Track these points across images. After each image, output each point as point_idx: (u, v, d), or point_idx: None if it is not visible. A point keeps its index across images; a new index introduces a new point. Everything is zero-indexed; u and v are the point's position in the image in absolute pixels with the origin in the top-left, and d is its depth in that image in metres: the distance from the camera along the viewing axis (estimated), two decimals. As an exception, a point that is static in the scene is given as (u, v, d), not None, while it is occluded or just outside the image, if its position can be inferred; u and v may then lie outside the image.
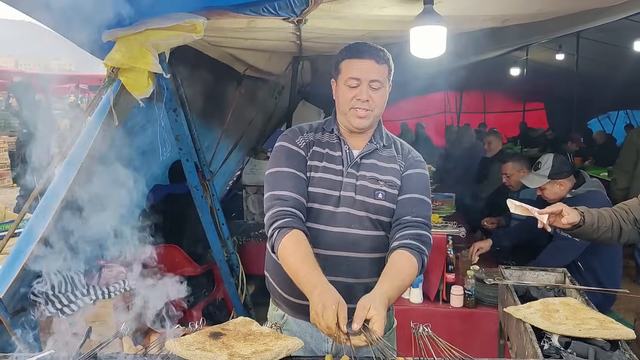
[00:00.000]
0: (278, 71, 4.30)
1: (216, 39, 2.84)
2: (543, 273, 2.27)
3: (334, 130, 1.83)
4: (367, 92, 1.70)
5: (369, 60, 1.70)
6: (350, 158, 1.79)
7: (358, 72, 1.70)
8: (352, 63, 1.71)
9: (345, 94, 1.73)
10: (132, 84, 2.28)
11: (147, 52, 2.20)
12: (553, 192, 3.17)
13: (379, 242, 1.77)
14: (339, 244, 1.73)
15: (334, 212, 1.74)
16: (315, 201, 1.74)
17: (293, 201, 1.68)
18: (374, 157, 1.81)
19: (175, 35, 2.20)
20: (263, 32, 2.80)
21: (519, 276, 2.28)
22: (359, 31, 2.96)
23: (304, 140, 1.81)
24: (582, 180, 3.14)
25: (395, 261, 1.63)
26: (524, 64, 9.64)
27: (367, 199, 1.75)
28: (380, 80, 1.72)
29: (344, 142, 1.81)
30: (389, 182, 1.78)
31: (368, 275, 1.75)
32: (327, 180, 1.75)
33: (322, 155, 1.79)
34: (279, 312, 1.90)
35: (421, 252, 1.67)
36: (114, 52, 2.19)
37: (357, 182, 1.76)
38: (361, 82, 1.70)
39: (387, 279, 1.56)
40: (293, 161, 1.76)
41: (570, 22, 4.46)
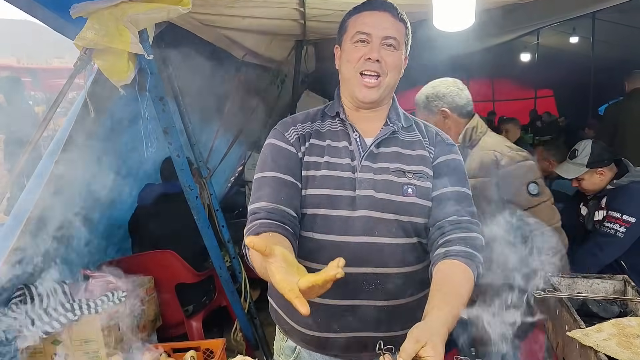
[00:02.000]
0: (280, 57, 3.94)
1: (209, 17, 2.49)
2: (599, 281, 1.92)
3: (339, 114, 1.47)
4: (378, 50, 1.36)
5: (384, 13, 1.38)
6: (362, 147, 1.43)
7: (369, 25, 1.37)
8: (362, 16, 1.39)
9: (351, 53, 1.39)
10: (109, 68, 1.94)
11: (125, 29, 1.85)
12: (592, 183, 2.82)
13: (412, 252, 1.41)
14: (360, 258, 1.36)
15: (349, 218, 1.37)
16: (321, 206, 1.38)
17: (265, 212, 1.32)
18: (395, 143, 1.45)
19: (158, 9, 1.85)
20: (262, 7, 2.46)
21: (569, 285, 1.93)
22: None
23: (296, 133, 1.45)
24: (625, 169, 2.80)
25: (449, 276, 1.26)
26: (534, 48, 9.28)
27: (393, 196, 1.38)
28: (396, 38, 1.38)
29: (353, 129, 1.45)
30: (419, 174, 1.41)
31: (401, 295, 1.39)
32: (334, 179, 1.39)
33: (322, 149, 1.43)
34: (289, 344, 1.54)
35: (476, 262, 1.31)
36: (85, 30, 1.84)
37: (377, 176, 1.39)
38: (372, 37, 1.37)
39: (445, 302, 1.17)
40: (279, 162, 1.41)
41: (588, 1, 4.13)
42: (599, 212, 2.80)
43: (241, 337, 3.27)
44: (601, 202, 2.79)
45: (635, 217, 2.58)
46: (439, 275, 1.27)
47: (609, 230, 2.64)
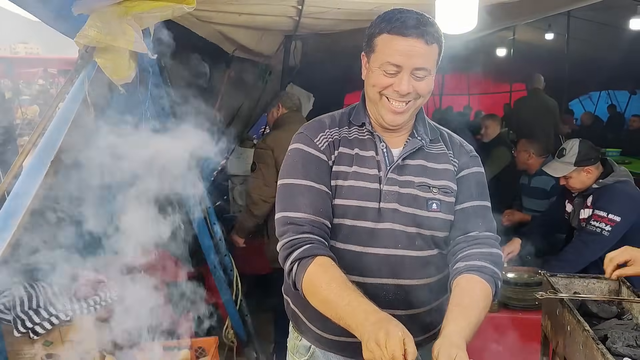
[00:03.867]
0: (269, 52, 3.91)
1: (208, 13, 2.46)
2: (595, 281, 1.99)
3: (365, 124, 1.44)
4: (408, 83, 1.31)
5: (417, 40, 1.29)
6: (389, 159, 1.42)
7: (400, 55, 1.29)
8: (393, 42, 1.30)
9: (380, 80, 1.34)
10: (110, 66, 1.88)
11: (129, 27, 1.80)
12: (580, 181, 2.89)
13: (433, 263, 1.43)
14: (382, 269, 1.38)
15: (373, 230, 1.38)
16: (347, 216, 1.38)
17: (309, 225, 1.33)
18: (421, 156, 1.44)
19: (163, 7, 1.80)
20: (261, 5, 2.43)
21: (566, 284, 2.00)
22: (367, 4, 2.60)
23: (326, 140, 1.42)
24: (610, 169, 2.89)
25: (468, 290, 1.29)
26: (510, 44, 9.41)
27: (418, 211, 1.39)
28: (427, 68, 1.32)
29: (380, 139, 1.43)
30: (443, 189, 1.42)
31: (421, 305, 1.42)
32: (361, 190, 1.38)
33: (351, 158, 1.41)
34: (304, 343, 1.55)
35: (495, 277, 1.34)
36: (87, 27, 1.78)
37: (402, 189, 1.40)
38: (402, 69, 1.30)
39: (462, 314, 1.22)
40: (311, 170, 1.39)
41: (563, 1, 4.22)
42: (585, 210, 2.89)
43: (233, 335, 3.27)
44: (587, 201, 2.88)
45: (620, 216, 2.67)
46: (457, 289, 1.31)
47: (595, 228, 2.73)
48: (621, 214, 2.67)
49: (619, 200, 2.73)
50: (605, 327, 1.62)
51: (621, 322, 1.65)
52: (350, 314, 1.17)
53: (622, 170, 2.90)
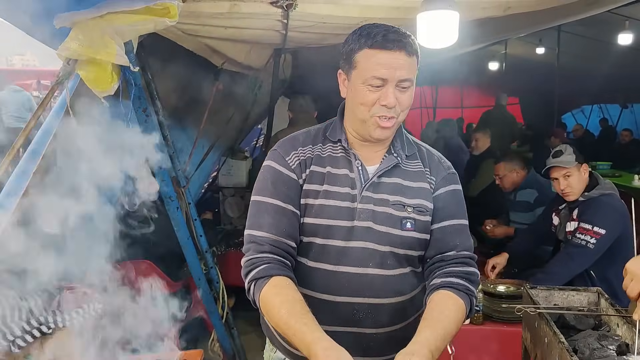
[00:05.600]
0: (258, 65, 3.94)
1: (193, 27, 2.48)
2: (574, 293, 1.99)
3: (341, 141, 1.43)
4: (394, 95, 1.30)
5: (399, 52, 1.29)
6: (364, 177, 1.40)
7: (384, 68, 1.29)
8: (376, 56, 1.29)
9: (366, 96, 1.32)
10: (92, 78, 1.90)
11: (111, 40, 1.82)
12: (580, 180, 2.85)
13: (405, 282, 1.43)
14: (353, 288, 1.37)
15: (344, 248, 1.37)
16: (317, 235, 1.38)
17: (269, 245, 1.33)
18: (397, 174, 1.42)
19: (144, 20, 1.83)
20: (246, 19, 2.46)
21: (546, 297, 2.00)
22: (354, 19, 2.63)
23: (297, 159, 1.42)
24: (595, 182, 2.91)
25: (438, 304, 1.29)
26: (502, 58, 9.52)
27: (391, 230, 1.38)
28: (410, 79, 1.33)
29: (355, 157, 1.42)
30: (418, 208, 1.40)
31: (392, 323, 1.42)
32: (331, 208, 1.37)
33: (322, 177, 1.40)
34: (279, 355, 1.54)
35: (470, 294, 1.34)
36: (69, 40, 1.80)
37: (377, 207, 1.38)
38: (387, 82, 1.30)
39: (429, 325, 1.22)
40: (280, 189, 1.38)
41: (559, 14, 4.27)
42: (571, 223, 2.90)
43: (218, 348, 3.25)
44: (573, 214, 2.89)
45: (605, 228, 2.69)
46: (431, 304, 1.31)
47: (580, 241, 2.74)
48: (606, 227, 2.69)
49: (604, 213, 2.74)
50: (579, 338, 1.62)
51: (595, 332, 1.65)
52: (300, 342, 1.19)
53: (607, 183, 2.92)
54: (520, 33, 6.97)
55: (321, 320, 1.32)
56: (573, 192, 2.90)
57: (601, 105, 12.84)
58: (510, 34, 7.06)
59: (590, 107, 13.29)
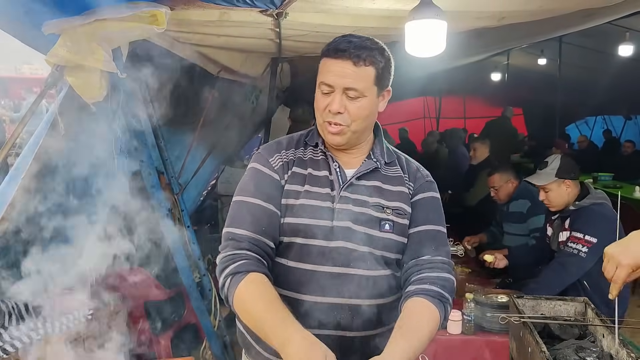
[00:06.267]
0: (255, 73, 3.96)
1: (184, 34, 2.50)
2: (561, 303, 1.99)
3: (319, 144, 1.48)
4: (340, 102, 1.35)
5: (345, 61, 1.33)
6: (342, 178, 1.44)
7: (331, 75, 1.35)
8: (327, 63, 1.36)
9: (319, 101, 1.39)
10: (81, 85, 1.92)
11: (98, 47, 1.84)
12: (559, 195, 2.89)
13: (385, 284, 1.43)
14: (334, 287, 1.37)
15: (325, 248, 1.38)
16: (298, 235, 1.39)
17: (248, 242, 1.34)
18: (376, 177, 1.46)
19: (132, 28, 1.85)
20: (238, 27, 2.48)
21: (533, 306, 1.99)
22: (345, 28, 2.64)
23: (280, 160, 1.45)
24: (586, 191, 2.90)
25: (413, 312, 1.29)
26: (504, 68, 9.53)
27: (370, 230, 1.40)
28: (357, 89, 1.34)
29: (333, 159, 1.46)
30: (397, 210, 1.43)
31: (372, 327, 1.41)
32: (312, 208, 1.40)
33: (303, 178, 1.43)
34: None
35: (444, 301, 1.34)
36: (57, 47, 1.82)
37: (356, 208, 1.41)
38: (334, 89, 1.35)
39: (403, 336, 1.22)
40: (262, 189, 1.41)
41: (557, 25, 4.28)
42: (563, 232, 2.90)
43: (210, 355, 3.24)
44: (564, 223, 2.89)
45: (596, 237, 2.67)
46: (404, 312, 1.32)
47: (572, 250, 2.73)
48: (598, 235, 2.68)
49: (595, 221, 2.73)
50: (562, 348, 1.61)
51: (576, 343, 1.64)
52: (274, 336, 1.18)
53: (598, 193, 2.91)
54: (521, 44, 7.00)
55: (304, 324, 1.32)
56: (551, 205, 2.94)
57: (605, 117, 12.80)
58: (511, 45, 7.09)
59: (594, 118, 13.25)
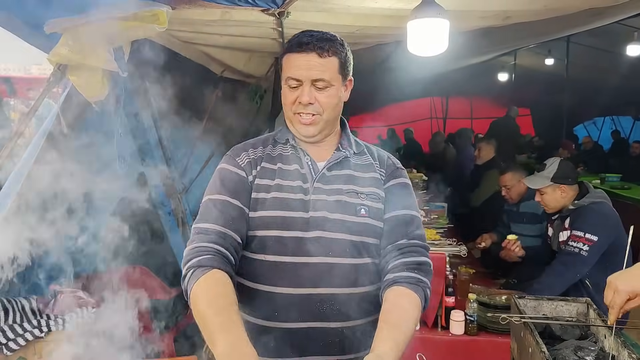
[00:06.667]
0: (259, 73, 3.97)
1: (187, 34, 2.51)
2: (563, 303, 1.96)
3: (289, 140, 1.50)
4: (309, 93, 1.38)
5: (310, 54, 1.37)
6: (314, 170, 1.46)
7: (297, 69, 1.38)
8: (292, 58, 1.39)
9: (287, 96, 1.42)
10: (83, 84, 1.93)
11: (100, 46, 1.85)
12: (554, 199, 2.92)
13: (366, 272, 1.44)
14: (315, 278, 1.38)
15: (302, 239, 1.39)
16: (272, 227, 1.40)
17: (215, 235, 1.33)
18: (347, 166, 1.49)
19: (133, 27, 1.86)
20: (240, 26, 2.48)
21: (534, 307, 1.97)
22: (347, 27, 2.65)
23: (247, 158, 1.47)
24: (585, 190, 2.89)
25: (396, 305, 1.30)
26: (511, 68, 9.49)
27: (347, 217, 1.41)
28: (324, 79, 1.39)
29: (304, 153, 1.48)
30: (371, 195, 1.46)
31: (355, 317, 1.41)
32: (285, 201, 1.41)
33: (273, 172, 1.46)
34: None
35: (423, 287, 1.36)
36: (59, 46, 1.84)
37: (330, 197, 1.43)
38: (303, 82, 1.38)
39: (391, 332, 1.22)
40: (228, 186, 1.42)
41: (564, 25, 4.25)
42: (563, 232, 2.89)
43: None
44: (564, 223, 2.88)
45: (597, 235, 2.66)
46: (387, 304, 1.32)
47: (573, 249, 2.71)
48: (598, 234, 2.66)
49: (594, 219, 2.73)
50: (561, 348, 1.60)
51: (576, 343, 1.63)
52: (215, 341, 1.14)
53: (598, 192, 2.91)
54: (527, 44, 6.97)
55: (287, 317, 1.35)
56: (547, 207, 2.98)
57: (613, 117, 12.69)
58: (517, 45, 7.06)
59: (602, 119, 13.15)
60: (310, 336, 1.38)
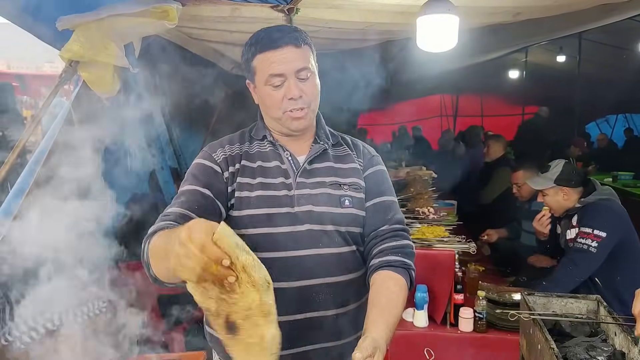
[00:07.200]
0: (268, 70, 3.98)
1: (197, 31, 2.52)
2: (572, 300, 1.95)
3: (266, 137, 1.49)
4: (296, 86, 1.37)
5: (287, 47, 1.35)
6: (295, 165, 1.47)
7: (279, 64, 1.35)
8: (268, 57, 1.36)
9: (272, 96, 1.39)
10: (94, 80, 1.95)
11: (111, 42, 1.87)
12: (555, 201, 2.91)
13: (353, 260, 1.47)
14: (309, 270, 1.40)
15: (290, 233, 1.40)
16: (261, 225, 1.40)
17: (175, 215, 1.29)
18: (327, 158, 1.50)
19: (144, 23, 1.87)
20: (250, 23, 2.49)
21: (544, 304, 1.97)
22: (357, 23, 2.65)
23: (224, 154, 1.46)
24: (593, 188, 2.87)
25: (384, 289, 1.34)
26: (523, 66, 9.42)
27: (332, 209, 1.43)
28: (307, 67, 1.38)
29: (284, 149, 1.48)
30: (353, 185, 1.48)
31: (347, 303, 1.46)
32: (270, 198, 1.42)
33: (253, 171, 1.45)
34: None
35: (408, 268, 1.40)
36: (71, 42, 1.86)
37: (314, 190, 1.44)
38: (286, 77, 1.36)
39: (381, 315, 1.26)
40: (199, 177, 1.40)
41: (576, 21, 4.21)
42: (571, 230, 2.87)
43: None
44: (572, 221, 2.86)
45: (605, 231, 2.64)
46: (374, 288, 1.36)
47: (581, 245, 2.69)
48: (606, 230, 2.64)
49: (602, 216, 2.70)
50: (571, 345, 1.59)
51: (586, 340, 1.62)
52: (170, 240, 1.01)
53: (605, 189, 2.88)
54: (539, 40, 6.91)
55: (285, 311, 1.35)
56: (550, 208, 2.97)
57: (626, 115, 12.55)
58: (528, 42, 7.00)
59: (615, 116, 13.00)
60: (308, 326, 1.40)
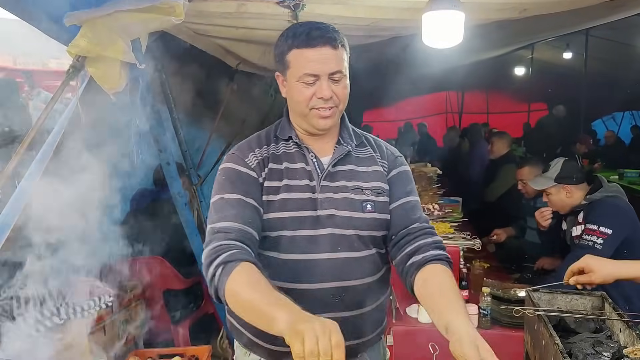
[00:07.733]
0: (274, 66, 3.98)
1: (203, 27, 2.53)
2: (577, 297, 1.96)
3: (292, 137, 1.49)
4: (328, 87, 1.38)
5: (324, 47, 1.37)
6: (319, 168, 1.47)
7: (314, 65, 1.36)
8: (304, 54, 1.37)
9: (302, 93, 1.40)
10: (101, 75, 1.97)
11: (118, 37, 1.88)
12: (559, 199, 2.92)
13: (372, 263, 1.49)
14: (326, 273, 1.42)
15: (313, 236, 1.42)
16: (285, 228, 1.42)
17: (237, 233, 1.33)
18: (350, 161, 1.51)
19: (151, 19, 1.88)
20: (255, 19, 2.49)
21: (549, 300, 1.97)
22: (362, 19, 2.64)
23: (256, 158, 1.46)
24: (599, 185, 2.86)
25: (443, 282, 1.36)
26: (529, 62, 9.37)
27: (354, 214, 1.44)
28: (341, 70, 1.40)
29: (308, 150, 1.48)
30: (376, 190, 1.48)
31: (364, 305, 1.48)
32: (294, 201, 1.43)
33: (280, 173, 1.46)
34: (253, 358, 1.55)
35: (449, 261, 1.44)
36: (79, 38, 1.87)
37: (336, 194, 1.45)
38: (320, 77, 1.37)
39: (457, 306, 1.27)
40: (241, 185, 1.42)
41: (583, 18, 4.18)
42: (577, 227, 2.86)
43: (227, 345, 3.29)
44: (578, 217, 2.86)
45: (611, 228, 2.63)
46: (434, 280, 1.37)
47: (587, 242, 2.69)
48: (612, 227, 2.64)
49: (608, 213, 2.70)
50: (576, 341, 1.59)
51: (592, 336, 1.62)
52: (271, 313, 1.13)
53: (612, 186, 2.87)
54: (545, 37, 6.87)
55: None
56: (554, 207, 2.98)
57: (633, 112, 12.47)
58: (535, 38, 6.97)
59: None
60: None
